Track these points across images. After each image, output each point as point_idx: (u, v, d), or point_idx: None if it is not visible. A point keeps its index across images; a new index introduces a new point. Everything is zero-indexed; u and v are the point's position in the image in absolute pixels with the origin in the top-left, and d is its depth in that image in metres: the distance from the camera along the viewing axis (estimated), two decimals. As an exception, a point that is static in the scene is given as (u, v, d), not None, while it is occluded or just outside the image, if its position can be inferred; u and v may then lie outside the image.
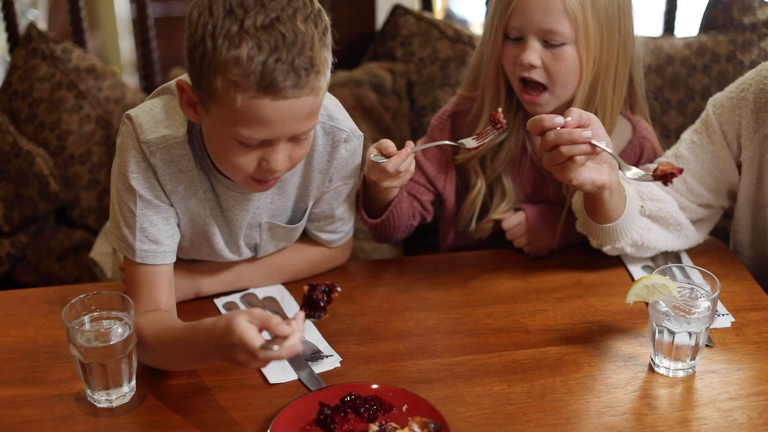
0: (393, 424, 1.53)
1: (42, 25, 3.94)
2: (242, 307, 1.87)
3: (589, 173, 1.70)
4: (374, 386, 1.61)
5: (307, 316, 1.53)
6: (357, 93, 2.59)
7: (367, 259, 2.47)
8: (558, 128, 1.66)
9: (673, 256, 1.99)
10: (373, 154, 1.78)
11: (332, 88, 2.56)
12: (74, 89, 2.58)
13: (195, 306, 1.87)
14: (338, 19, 2.70)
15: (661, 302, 1.62)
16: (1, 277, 2.49)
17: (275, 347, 1.41)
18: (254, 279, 1.91)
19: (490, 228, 2.07)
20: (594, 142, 1.67)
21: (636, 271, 1.94)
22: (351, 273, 2.01)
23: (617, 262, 1.99)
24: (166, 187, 1.71)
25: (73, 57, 2.61)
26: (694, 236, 1.97)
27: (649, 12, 2.87)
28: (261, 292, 1.91)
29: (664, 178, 1.65)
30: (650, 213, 1.89)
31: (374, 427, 1.54)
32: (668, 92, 2.55)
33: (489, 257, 2.05)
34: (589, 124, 1.67)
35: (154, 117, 1.69)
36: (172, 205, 1.74)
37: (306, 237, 1.96)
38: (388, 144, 1.78)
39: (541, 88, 1.90)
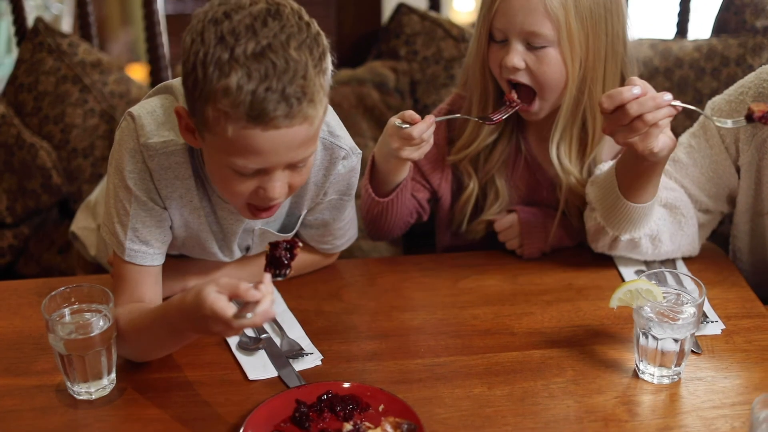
0: (367, 424, 1.52)
1: (68, 19, 3.96)
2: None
3: (664, 137, 1.68)
4: (349, 385, 1.60)
5: (274, 276, 1.51)
6: (359, 91, 2.58)
7: (364, 258, 2.46)
8: (638, 98, 1.63)
9: (669, 261, 1.96)
10: (397, 122, 1.79)
11: (334, 87, 2.56)
12: (79, 83, 2.58)
13: (182, 301, 1.86)
14: (344, 18, 2.72)
15: (645, 307, 1.60)
16: (2, 268, 2.50)
17: (248, 315, 1.41)
18: (242, 277, 1.89)
19: (483, 229, 2.06)
20: (675, 102, 1.65)
21: (628, 274, 1.92)
22: (340, 271, 2.00)
23: (610, 265, 1.96)
24: (162, 191, 1.70)
25: (79, 51, 2.62)
26: (693, 235, 1.94)
27: (662, 14, 2.84)
28: (248, 289, 1.90)
29: (764, 118, 1.63)
30: (666, 202, 1.88)
31: (348, 426, 1.52)
32: (676, 96, 2.49)
33: (480, 258, 2.02)
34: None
35: (156, 119, 1.66)
36: (166, 209, 1.73)
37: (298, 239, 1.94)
38: (412, 113, 1.79)
39: (531, 94, 1.88)
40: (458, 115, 1.97)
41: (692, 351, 1.70)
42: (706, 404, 1.58)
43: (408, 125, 1.78)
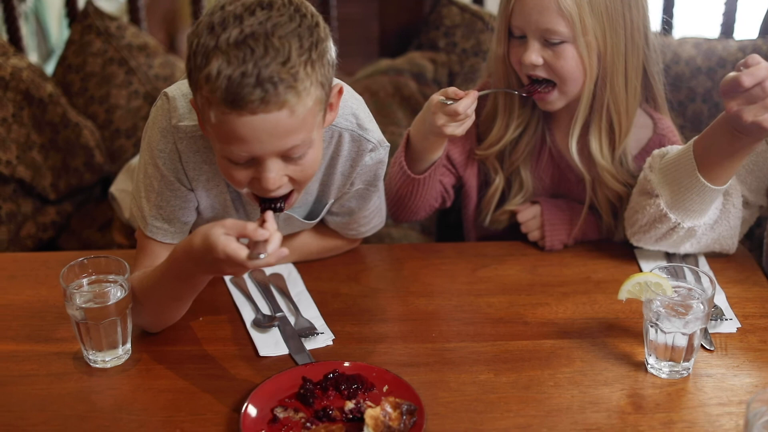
0: (368, 403, 1.54)
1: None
2: (250, 282, 1.90)
3: None
4: (355, 365, 1.62)
5: (274, 211, 1.56)
6: (397, 81, 2.59)
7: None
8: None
9: (691, 258, 1.94)
10: (441, 99, 1.82)
11: (372, 76, 2.59)
12: (125, 65, 2.64)
13: (204, 278, 1.90)
14: (387, 8, 2.73)
15: (654, 301, 1.59)
16: (45, 243, 2.57)
17: (262, 255, 1.44)
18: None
19: (507, 219, 2.06)
20: None
21: (648, 269, 1.90)
22: (362, 255, 2.02)
23: (630, 260, 1.96)
24: (189, 173, 1.73)
25: (127, 34, 2.68)
26: (735, 228, 1.91)
27: (708, 14, 2.80)
28: (268, 269, 1.93)
29: None
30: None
31: (350, 404, 1.54)
32: (717, 96, 2.48)
33: (501, 248, 2.03)
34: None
35: (189, 103, 1.67)
36: (192, 190, 1.76)
37: (323, 223, 1.97)
38: (455, 89, 1.82)
39: (551, 84, 1.90)
40: (499, 88, 1.99)
41: (704, 348, 1.68)
42: (713, 401, 1.57)
43: (452, 101, 1.80)
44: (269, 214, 1.50)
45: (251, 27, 1.44)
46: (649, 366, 1.64)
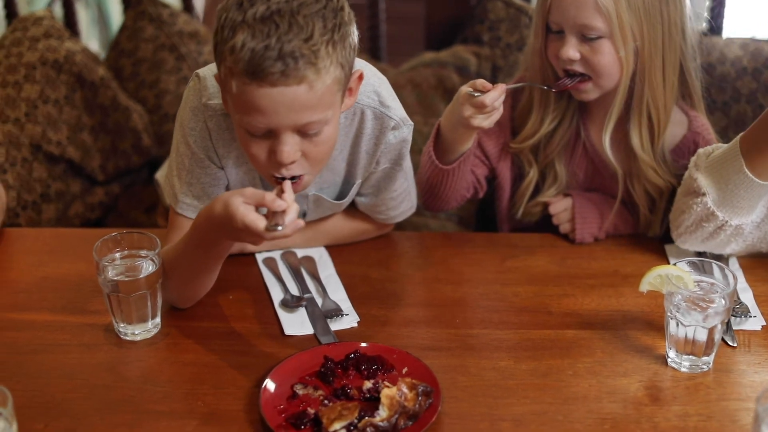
0: (386, 383, 1.56)
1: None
2: (281, 264, 1.93)
3: None
4: (380, 347, 1.65)
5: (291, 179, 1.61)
6: (440, 74, 2.61)
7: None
8: None
9: (723, 256, 1.94)
10: (469, 90, 1.83)
11: (416, 68, 2.61)
12: (175, 52, 2.70)
13: (237, 260, 1.94)
14: (434, 1, 2.75)
15: (675, 294, 1.59)
16: (92, 222, 2.63)
17: (279, 227, 1.48)
18: (298, 240, 1.96)
19: (539, 212, 2.07)
20: None
21: (682, 266, 1.90)
22: (393, 241, 2.05)
23: (660, 255, 1.96)
24: (219, 150, 1.78)
25: (179, 21, 2.74)
26: None
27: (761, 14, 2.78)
28: (300, 252, 1.97)
29: None
30: None
31: (368, 384, 1.57)
32: (761, 98, 2.46)
33: (532, 240, 2.04)
34: None
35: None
36: (222, 168, 1.81)
37: (354, 206, 2.00)
38: (484, 81, 1.83)
39: (586, 78, 1.91)
40: (527, 83, 2.00)
41: (727, 344, 1.68)
42: (732, 396, 1.56)
43: (480, 93, 1.82)
44: (287, 184, 1.54)
45: (278, 4, 1.50)
46: (669, 359, 1.64)
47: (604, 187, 2.05)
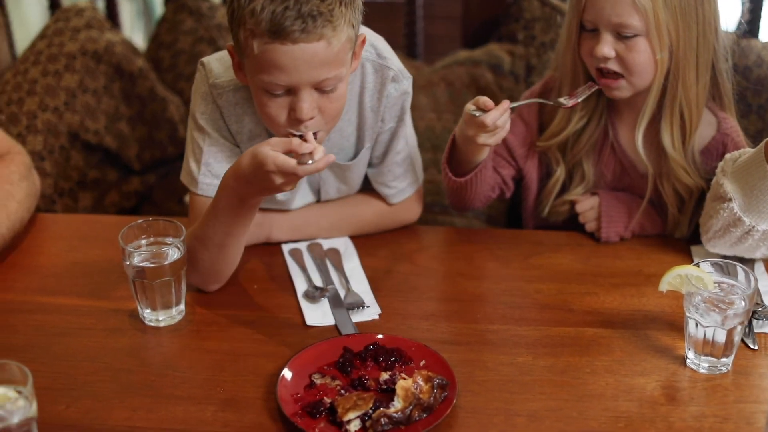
0: (403, 375, 1.57)
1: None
2: (306, 255, 1.95)
3: None
4: (399, 339, 1.66)
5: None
6: (473, 72, 2.62)
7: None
8: None
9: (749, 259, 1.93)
10: (470, 109, 1.82)
11: (450, 66, 2.61)
12: (213, 45, 2.74)
13: (264, 249, 1.97)
14: (472, 1, 2.75)
15: (694, 294, 1.58)
16: (127, 211, 2.67)
17: (310, 161, 1.54)
18: (322, 226, 1.99)
19: (566, 212, 2.07)
20: None
21: (704, 267, 1.89)
22: (419, 236, 2.06)
23: (686, 256, 1.95)
24: (232, 127, 1.85)
25: (218, 15, 2.77)
26: None
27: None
28: (326, 244, 1.98)
29: None
30: None
31: (385, 375, 1.58)
32: (799, 100, 2.44)
33: (557, 238, 2.04)
34: None
35: (224, 63, 1.83)
36: (237, 146, 1.86)
37: (372, 190, 2.03)
38: (486, 99, 1.82)
39: (619, 77, 1.90)
40: (534, 99, 2.00)
41: (747, 346, 1.67)
42: (750, 398, 1.56)
43: (482, 112, 1.81)
44: (309, 135, 1.60)
45: None
46: (688, 360, 1.63)
47: (632, 188, 2.04)
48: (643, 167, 1.99)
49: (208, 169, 1.86)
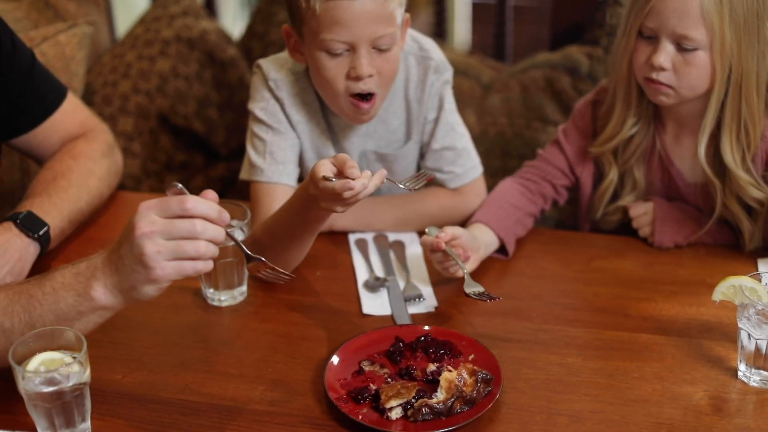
0: (449, 367, 1.59)
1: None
2: (372, 245, 1.99)
3: None
4: (451, 332, 1.69)
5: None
6: (550, 75, 2.60)
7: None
8: None
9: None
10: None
11: (526, 69, 2.61)
12: (303, 36, 2.79)
13: (330, 238, 2.01)
14: (561, 4, 2.75)
15: (748, 306, 1.57)
16: (212, 196, 2.75)
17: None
18: (387, 221, 2.02)
19: (617, 220, 2.07)
20: None
21: (764, 278, 1.86)
22: (482, 234, 2.07)
23: (751, 267, 1.92)
24: (292, 118, 1.97)
25: (310, 7, 2.82)
26: None
27: None
28: (392, 236, 2.02)
29: None
30: None
31: (432, 366, 1.61)
32: None
33: (620, 242, 2.03)
34: None
35: (279, 60, 2.01)
36: (298, 137, 1.98)
37: (435, 185, 2.06)
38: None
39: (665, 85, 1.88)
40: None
41: (803, 362, 1.64)
42: (799, 415, 1.54)
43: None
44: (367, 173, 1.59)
45: None
46: (740, 372, 1.62)
47: (681, 198, 2.02)
48: (690, 177, 1.97)
49: (273, 158, 1.95)
